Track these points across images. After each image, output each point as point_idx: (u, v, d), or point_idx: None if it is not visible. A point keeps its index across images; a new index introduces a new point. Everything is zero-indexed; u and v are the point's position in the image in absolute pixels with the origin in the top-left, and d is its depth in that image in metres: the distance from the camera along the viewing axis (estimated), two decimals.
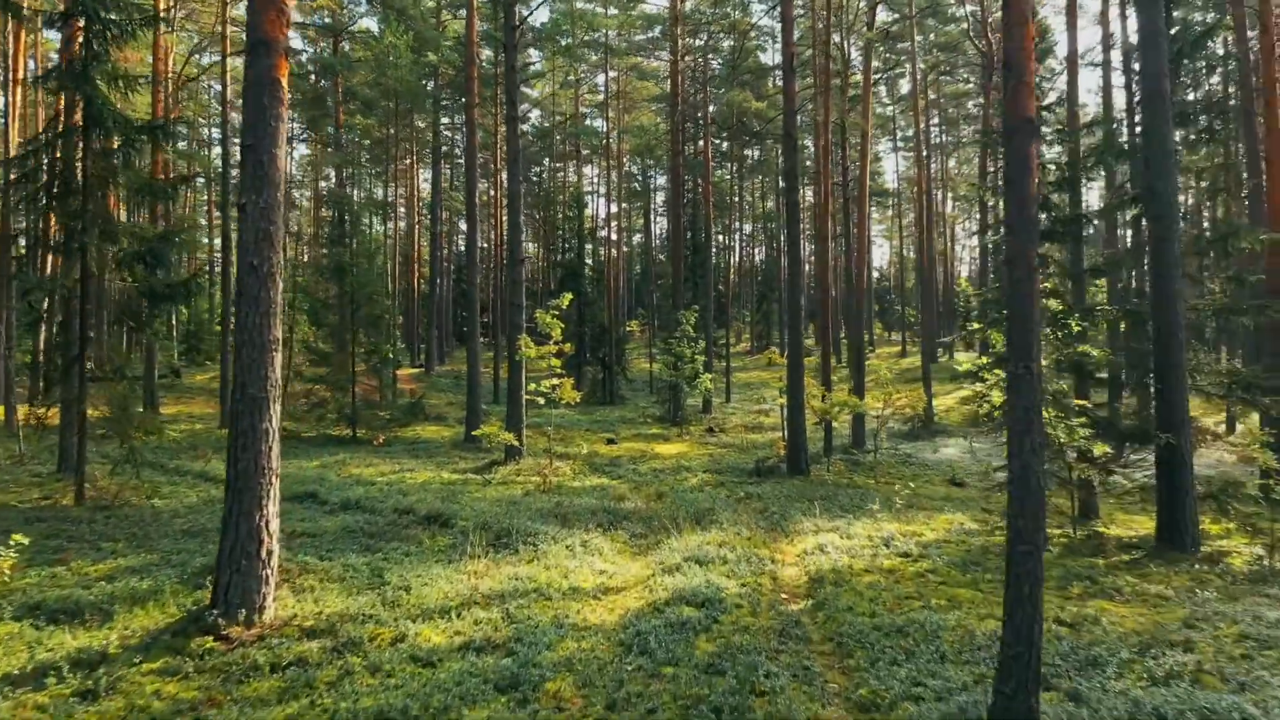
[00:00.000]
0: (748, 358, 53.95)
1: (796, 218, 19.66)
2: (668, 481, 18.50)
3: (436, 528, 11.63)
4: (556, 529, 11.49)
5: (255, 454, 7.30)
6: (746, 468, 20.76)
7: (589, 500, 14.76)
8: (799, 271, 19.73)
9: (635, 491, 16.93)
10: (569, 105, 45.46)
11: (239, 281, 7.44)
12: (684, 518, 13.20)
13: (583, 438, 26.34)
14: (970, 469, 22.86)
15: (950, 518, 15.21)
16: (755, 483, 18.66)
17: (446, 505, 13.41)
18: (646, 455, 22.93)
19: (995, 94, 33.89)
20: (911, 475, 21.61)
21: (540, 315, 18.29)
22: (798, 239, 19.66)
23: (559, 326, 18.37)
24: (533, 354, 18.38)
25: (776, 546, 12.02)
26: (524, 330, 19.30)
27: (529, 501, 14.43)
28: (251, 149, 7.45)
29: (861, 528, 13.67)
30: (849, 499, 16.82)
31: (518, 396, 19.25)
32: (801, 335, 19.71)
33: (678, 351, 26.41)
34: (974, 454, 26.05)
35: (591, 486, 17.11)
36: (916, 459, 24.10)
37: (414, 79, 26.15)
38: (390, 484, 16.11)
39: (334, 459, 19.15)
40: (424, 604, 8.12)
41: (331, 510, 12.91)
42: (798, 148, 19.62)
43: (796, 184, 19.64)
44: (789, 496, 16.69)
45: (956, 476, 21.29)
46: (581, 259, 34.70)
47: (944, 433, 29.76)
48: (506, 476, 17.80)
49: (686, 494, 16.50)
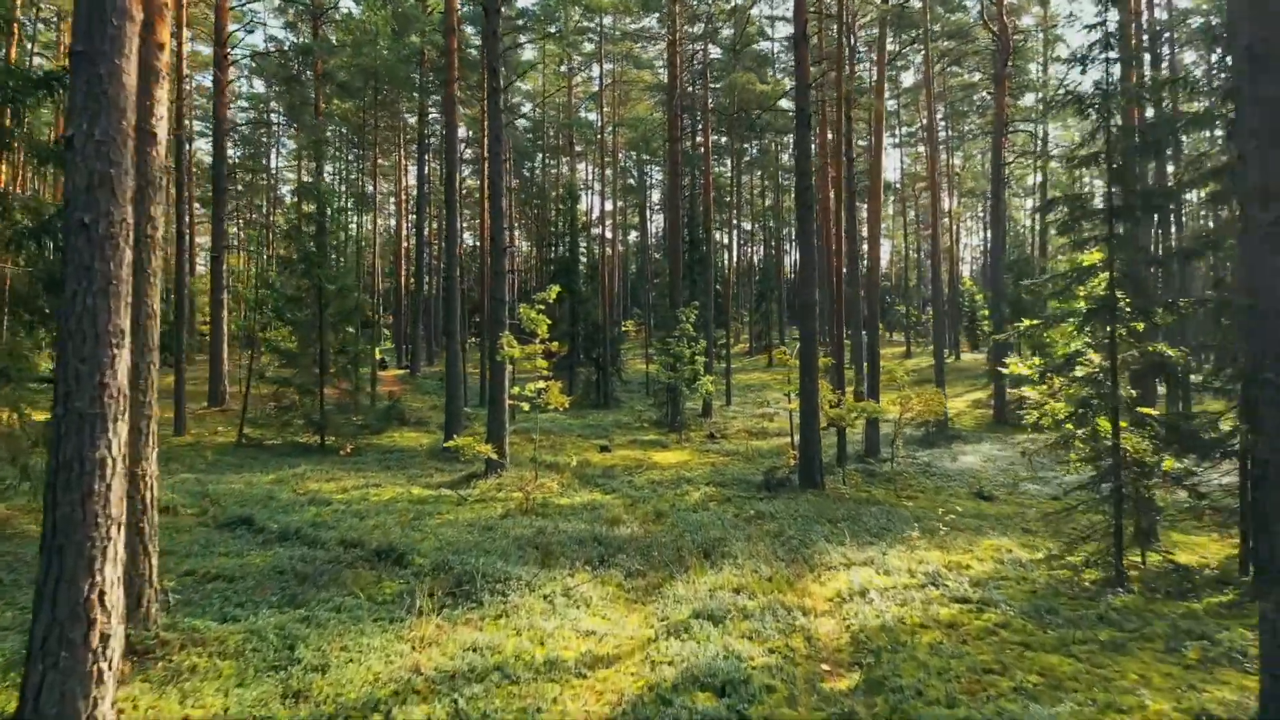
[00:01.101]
0: (746, 358, 51.69)
1: (810, 204, 17.40)
2: (667, 497, 16.21)
3: (386, 567, 9.29)
4: (534, 571, 9.16)
5: (84, 494, 4.98)
6: (754, 479, 18.49)
7: (577, 524, 12.45)
8: (812, 264, 17.47)
9: (631, 510, 14.64)
10: (562, 96, 43.18)
11: (65, 245, 5.10)
12: (690, 549, 10.90)
13: (574, 444, 24.03)
14: (996, 480, 20.68)
15: (994, 543, 12.98)
16: (766, 498, 16.38)
17: (406, 535, 11.09)
18: (643, 465, 20.64)
19: (1008, 82, 31.74)
20: (934, 488, 19.41)
21: (524, 310, 15.99)
22: (811, 228, 17.41)
23: (545, 323, 16.08)
24: (516, 354, 16.08)
25: (803, 587, 9.72)
26: (507, 327, 17.00)
27: (506, 527, 12.10)
28: (84, 58, 5.12)
29: (898, 558, 11.42)
30: (874, 519, 14.57)
31: (500, 402, 16.94)
32: (816, 335, 17.46)
33: (676, 352, 24.11)
34: (995, 462, 23.89)
35: (581, 504, 14.80)
36: (936, 468, 21.86)
37: (393, 58, 23.85)
38: (348, 503, 13.76)
39: (293, 471, 16.79)
40: (341, 696, 5.81)
41: (266, 541, 10.56)
42: (811, 124, 17.42)
43: (809, 166, 17.40)
44: (806, 516, 14.41)
45: (984, 489, 19.10)
46: (575, 255, 32.36)
47: (959, 438, 27.56)
48: (485, 492, 15.48)
49: (689, 514, 14.21)
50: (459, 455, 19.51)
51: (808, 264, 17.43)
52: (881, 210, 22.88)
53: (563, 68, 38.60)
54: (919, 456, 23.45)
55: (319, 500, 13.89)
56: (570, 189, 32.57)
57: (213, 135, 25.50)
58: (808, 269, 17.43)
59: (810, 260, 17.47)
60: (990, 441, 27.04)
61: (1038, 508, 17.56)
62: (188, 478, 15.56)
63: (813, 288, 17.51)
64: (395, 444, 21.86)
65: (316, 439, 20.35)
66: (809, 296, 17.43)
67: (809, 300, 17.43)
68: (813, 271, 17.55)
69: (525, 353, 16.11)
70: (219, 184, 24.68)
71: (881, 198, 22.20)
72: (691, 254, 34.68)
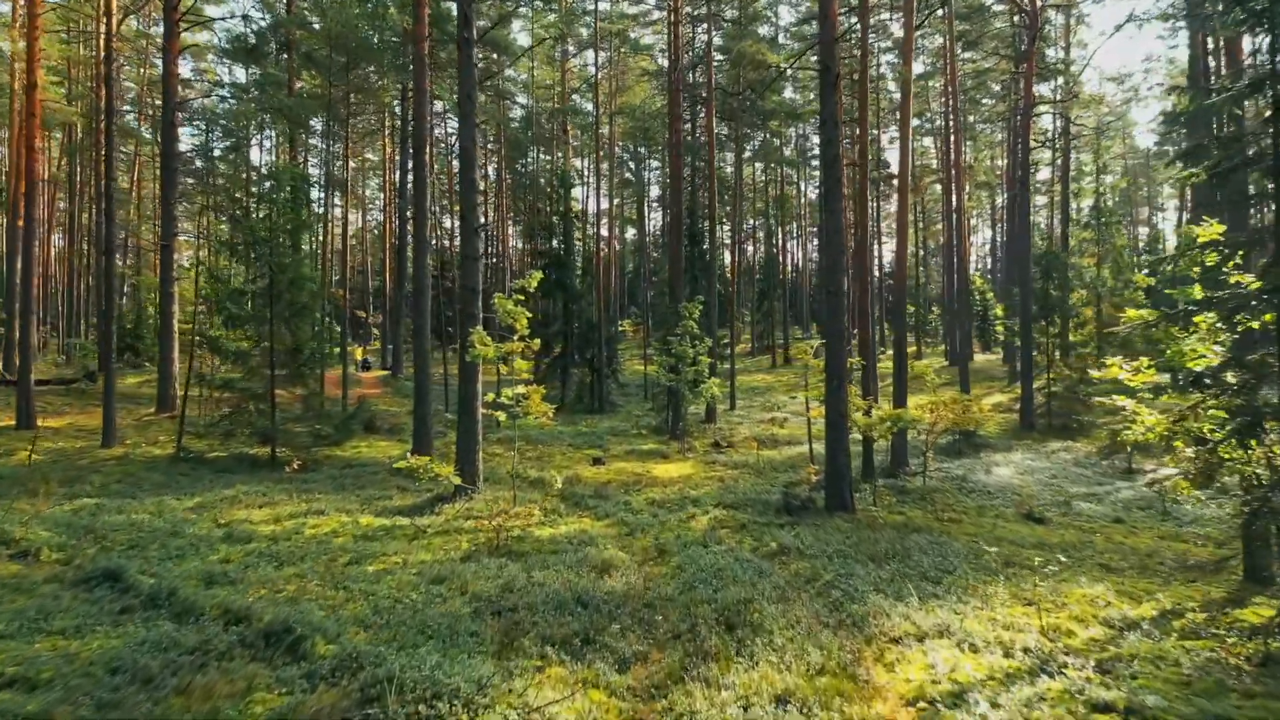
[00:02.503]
0: (749, 359, 48.76)
1: (837, 175, 14.44)
2: (670, 524, 13.25)
3: (271, 661, 6.30)
4: (484, 670, 6.12)
5: None
6: (770, 499, 15.56)
7: (557, 572, 9.47)
8: (839, 245, 14.51)
9: (626, 545, 11.69)
10: (555, 81, 40.21)
11: None
12: (706, 616, 7.93)
13: (564, 455, 21.05)
14: (1042, 499, 17.81)
15: (1085, 592, 10.05)
16: (788, 524, 13.43)
17: (325, 595, 8.13)
18: (641, 480, 17.68)
19: (1035, 61, 28.83)
20: (975, 507, 16.52)
21: (500, 301, 13.03)
22: (839, 204, 14.45)
23: (524, 315, 13.11)
24: (490, 353, 13.10)
25: (868, 679, 6.75)
26: (480, 322, 14.04)
27: (465, 577, 9.12)
28: None
29: (977, 620, 8.49)
30: (924, 554, 11.64)
31: (471, 410, 13.97)
32: (844, 331, 14.52)
33: (678, 351, 21.14)
34: (1033, 475, 21.01)
35: (566, 537, 11.83)
36: (972, 483, 18.96)
37: (361, 17, 20.86)
38: (274, 540, 10.78)
39: (224, 494, 13.80)
40: None
41: (126, 609, 7.56)
42: (838, 85, 14.52)
43: (836, 133, 14.45)
44: (844, 553, 11.45)
45: (1033, 510, 16.18)
46: (569, 246, 29.31)
47: (987, 446, 24.64)
48: (450, 521, 12.51)
49: (699, 550, 11.25)
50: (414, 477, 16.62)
51: (834, 245, 14.49)
52: (909, 195, 19.98)
53: (556, 51, 35.57)
54: (949, 468, 20.54)
55: (237, 536, 10.89)
56: (563, 174, 29.53)
57: (162, 111, 22.50)
58: (834, 251, 14.48)
59: (837, 241, 14.52)
60: (1021, 450, 24.16)
61: (1102, 533, 14.72)
62: (87, 504, 12.55)
63: (840, 273, 14.56)
64: (359, 456, 18.85)
65: (266, 451, 17.35)
66: (836, 284, 14.48)
67: (836, 288, 14.48)
68: (840, 254, 14.60)
69: (501, 352, 13.13)
70: (168, 164, 21.69)
71: (909, 180, 19.32)
72: (693, 248, 31.73)
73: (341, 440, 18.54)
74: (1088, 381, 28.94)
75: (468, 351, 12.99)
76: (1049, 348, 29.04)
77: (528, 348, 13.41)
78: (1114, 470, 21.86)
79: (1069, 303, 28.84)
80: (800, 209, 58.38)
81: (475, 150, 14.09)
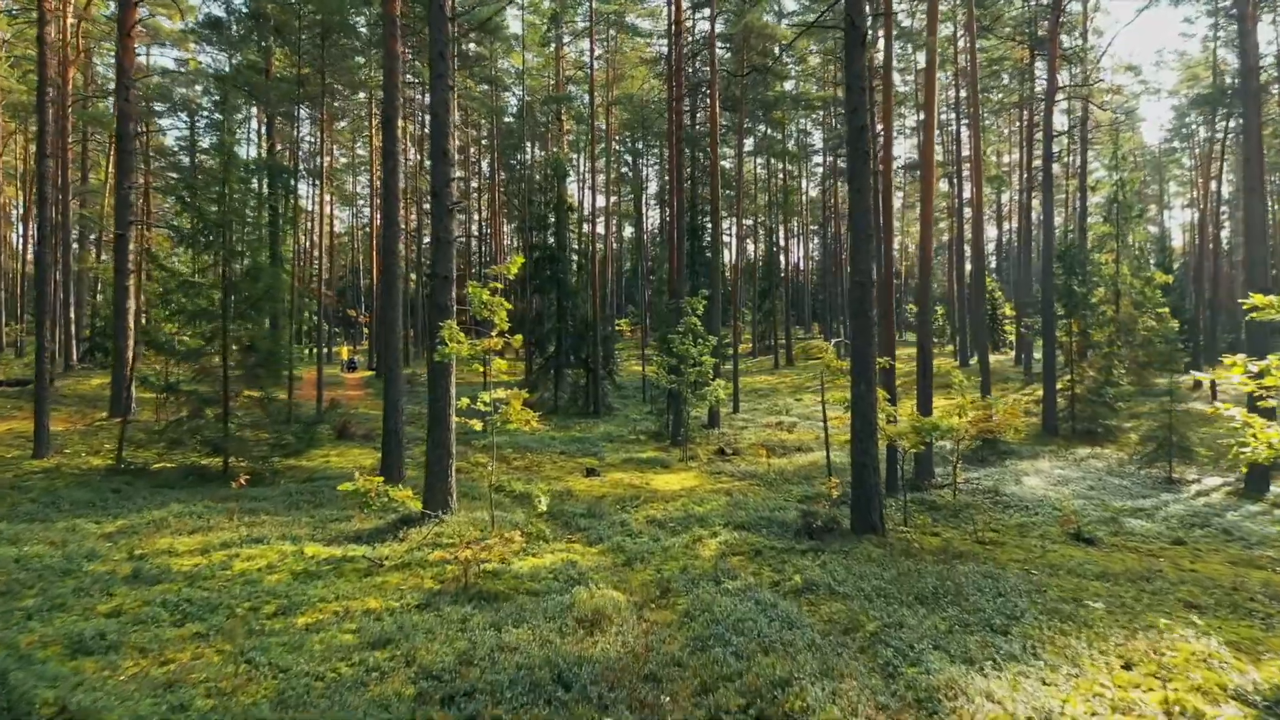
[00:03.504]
0: (750, 360, 46.65)
1: (865, 151, 12.33)
2: (675, 552, 11.16)
3: None
4: None
5: None
6: (787, 518, 13.47)
7: (534, 628, 7.37)
8: (868, 227, 12.40)
9: (622, 581, 9.62)
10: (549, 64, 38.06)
11: None
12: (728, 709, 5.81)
13: (554, 465, 18.94)
14: (1086, 514, 15.77)
15: (1192, 649, 7.98)
16: (811, 551, 11.35)
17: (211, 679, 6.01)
18: (640, 494, 15.59)
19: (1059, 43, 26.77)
20: (1015, 525, 14.47)
21: (474, 290, 10.92)
22: (866, 186, 12.36)
23: (503, 307, 11.01)
24: (463, 352, 10.99)
25: None
26: (454, 315, 11.93)
27: (417, 637, 7.02)
28: None
29: (1082, 700, 6.48)
30: (978, 589, 9.61)
31: (442, 419, 11.86)
32: (872, 329, 12.42)
33: (680, 350, 19.04)
34: (1066, 485, 18.98)
35: (550, 571, 9.72)
36: (1005, 496, 16.91)
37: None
38: (191, 580, 8.66)
39: (153, 516, 11.66)
40: None
41: None
42: (864, 44, 12.45)
43: (863, 99, 12.35)
44: (885, 592, 9.38)
45: (1081, 528, 14.12)
46: (562, 239, 27.16)
47: (1011, 453, 22.59)
48: (414, 550, 10.39)
49: (710, 591, 9.15)
50: (399, 484, 14.53)
51: (861, 227, 12.40)
52: (934, 179, 17.93)
53: (551, 33, 33.40)
54: (975, 478, 18.48)
55: (146, 576, 8.77)
56: (556, 162, 27.37)
57: (115, 90, 20.31)
58: (861, 234, 12.40)
59: (865, 223, 12.44)
60: (1048, 457, 22.13)
61: (1165, 558, 12.70)
62: None
63: (868, 259, 12.47)
64: (326, 467, 16.72)
65: (219, 462, 15.20)
66: (864, 271, 12.39)
67: (864, 277, 12.39)
68: (868, 238, 12.51)
69: (476, 350, 11.03)
70: (124, 146, 19.55)
71: (935, 165, 17.31)
72: (693, 242, 29.63)
73: (306, 449, 16.41)
74: (1112, 383, 26.96)
75: (438, 349, 10.87)
76: (1071, 347, 26.99)
77: (508, 345, 11.32)
78: (1153, 481, 19.83)
79: (1092, 300, 26.77)
80: (801, 206, 56.33)
81: (449, 117, 11.97)
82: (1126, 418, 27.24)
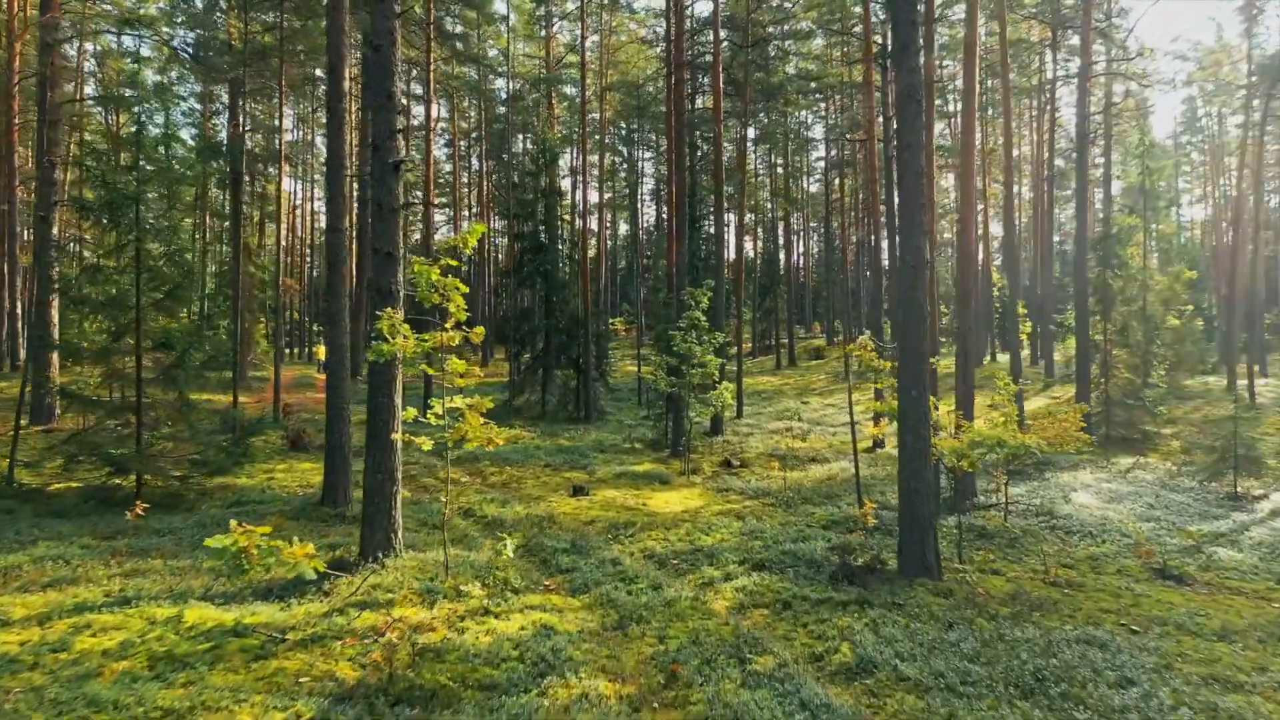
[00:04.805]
0: (750, 360, 44.01)
1: (916, 90, 9.69)
2: (680, 606, 8.52)
3: None
4: None
5: None
6: (814, 551, 10.87)
7: None
8: (916, 201, 9.76)
9: (614, 658, 6.99)
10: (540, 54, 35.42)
11: None
12: None
13: (537, 480, 16.25)
14: (1160, 541, 13.27)
15: None
16: (855, 603, 8.75)
17: None
18: (635, 518, 12.94)
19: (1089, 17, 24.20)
20: (1086, 558, 11.93)
21: (419, 268, 8.26)
22: (918, 140, 9.72)
23: (458, 292, 8.35)
24: (408, 349, 8.30)
25: None
26: (399, 301, 9.26)
27: None
28: None
29: None
30: (1090, 667, 7.09)
31: (383, 434, 9.18)
32: (925, 323, 9.78)
33: (683, 349, 16.36)
34: (1122, 503, 16.46)
35: (515, 644, 7.08)
36: (1060, 518, 14.39)
37: None
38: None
39: (3, 561, 8.93)
40: None
41: None
42: None
43: (915, 35, 9.72)
44: (968, 675, 6.80)
45: (1166, 563, 11.61)
46: (552, 226, 24.42)
47: (1047, 464, 19.96)
48: (333, 614, 7.72)
49: (734, 679, 6.57)
50: (345, 510, 11.90)
51: (913, 196, 9.78)
52: (975, 157, 15.37)
53: (539, 10, 30.68)
54: (1018, 495, 15.87)
55: None
56: (544, 142, 24.66)
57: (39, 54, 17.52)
58: (913, 204, 9.78)
59: (915, 188, 9.83)
60: (1089, 469, 19.53)
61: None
62: None
63: (920, 235, 9.85)
64: (265, 485, 14.00)
65: (130, 481, 12.46)
66: (915, 252, 9.77)
67: (915, 259, 9.77)
68: (919, 208, 9.88)
69: (423, 347, 8.34)
70: (42, 114, 16.84)
71: (975, 146, 14.79)
72: (693, 232, 26.97)
73: (239, 464, 13.67)
74: (1150, 385, 24.47)
75: (372, 346, 8.18)
76: (1105, 346, 24.46)
77: (466, 340, 8.64)
78: (1216, 497, 17.29)
79: (1133, 293, 24.23)
80: (802, 202, 53.74)
81: (394, 52, 9.29)
82: (1162, 423, 24.80)
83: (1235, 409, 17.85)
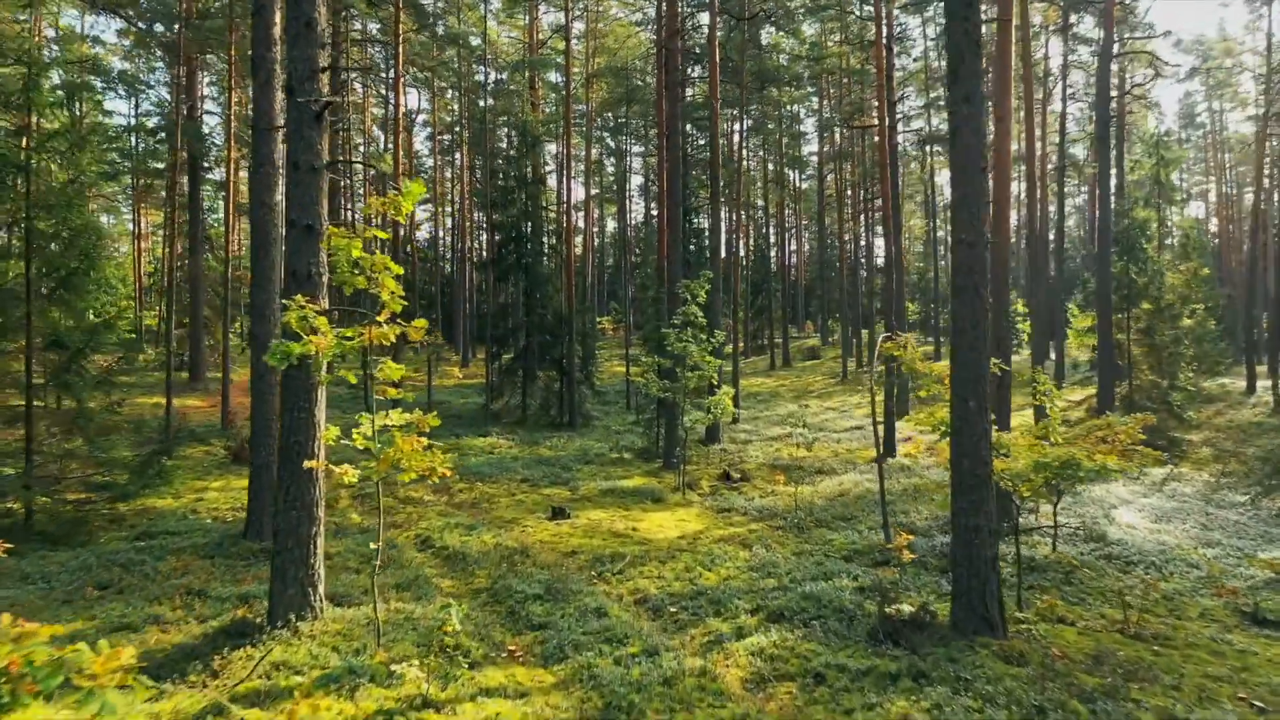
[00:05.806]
0: (743, 360, 41.98)
1: (976, 39, 7.69)
2: (684, 688, 6.46)
3: None
4: None
5: None
6: (841, 598, 8.81)
7: None
8: (976, 165, 7.76)
9: None
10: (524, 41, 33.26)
11: None
12: None
13: (510, 499, 14.08)
14: (1233, 571, 11.38)
15: None
16: (907, 680, 6.74)
17: None
18: (624, 550, 10.86)
19: None
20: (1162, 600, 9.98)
21: (335, 238, 6.16)
22: (977, 94, 7.72)
23: (389, 270, 6.25)
24: (327, 348, 6.16)
25: None
26: (321, 287, 7.15)
27: None
28: None
29: None
30: None
31: (296, 459, 7.04)
32: (985, 317, 7.75)
33: (677, 349, 14.27)
34: (1170, 522, 14.63)
35: None
36: (1112, 545, 12.49)
37: None
38: None
39: None
40: None
41: None
42: None
43: None
44: None
45: (1258, 607, 9.68)
46: (533, 217, 22.26)
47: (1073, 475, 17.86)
48: (213, 708, 5.53)
49: None
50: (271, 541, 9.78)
51: (972, 158, 7.76)
52: (1011, 124, 13.42)
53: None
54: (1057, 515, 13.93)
55: None
56: (524, 126, 22.51)
57: None
58: (973, 168, 7.76)
59: (976, 151, 7.83)
60: (1120, 480, 17.57)
61: None
62: None
63: (980, 206, 7.84)
64: (190, 509, 11.78)
65: (20, 508, 10.21)
66: (975, 230, 7.78)
67: (975, 238, 7.77)
68: (979, 174, 7.87)
69: (345, 346, 6.23)
70: None
71: (1012, 123, 12.88)
72: (686, 225, 24.90)
73: (155, 485, 11.45)
74: (1177, 387, 22.68)
75: (274, 347, 6.06)
76: (1128, 346, 22.64)
77: (403, 336, 6.53)
78: (1271, 514, 15.44)
79: (1156, 290, 22.40)
80: (794, 199, 51.82)
81: None
82: (1189, 428, 23.05)
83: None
